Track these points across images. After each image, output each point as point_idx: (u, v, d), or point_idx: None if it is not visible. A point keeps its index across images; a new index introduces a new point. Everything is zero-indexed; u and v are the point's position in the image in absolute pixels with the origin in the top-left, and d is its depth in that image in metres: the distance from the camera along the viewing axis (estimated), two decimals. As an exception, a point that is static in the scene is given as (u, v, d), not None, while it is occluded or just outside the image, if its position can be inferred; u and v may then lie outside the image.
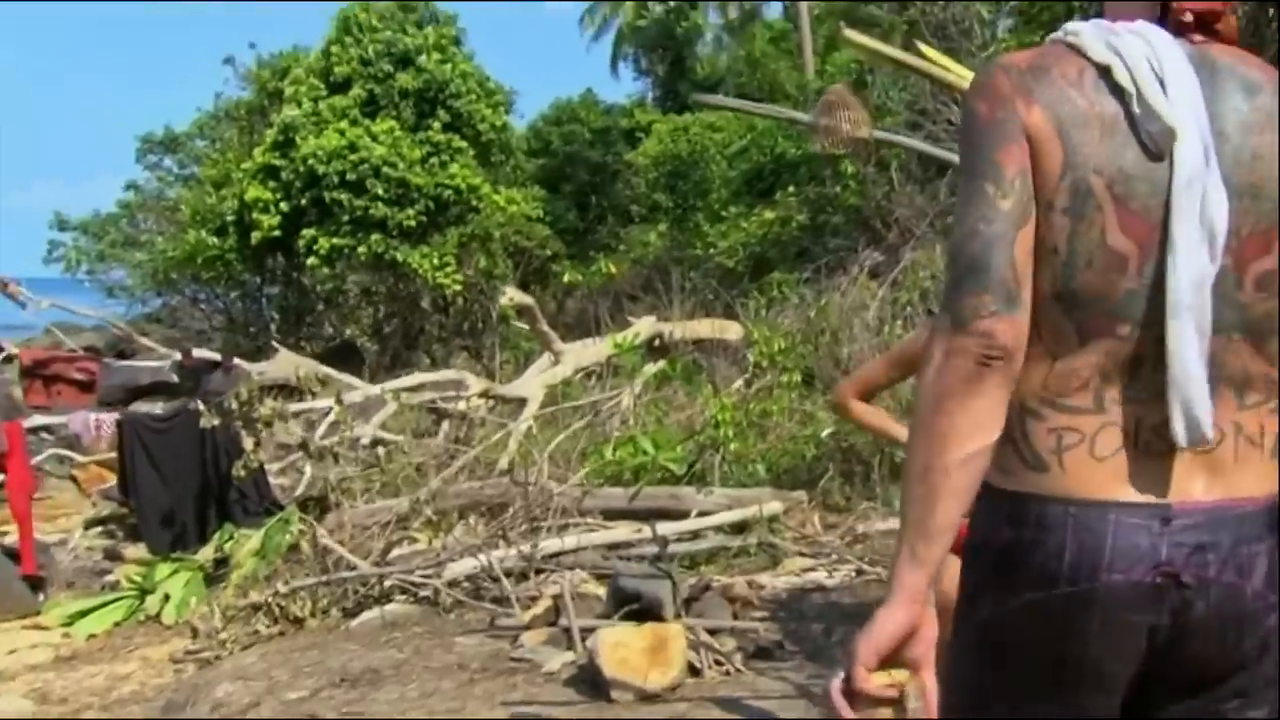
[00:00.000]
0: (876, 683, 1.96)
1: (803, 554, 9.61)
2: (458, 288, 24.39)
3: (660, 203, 27.38)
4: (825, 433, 11.43)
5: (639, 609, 7.48)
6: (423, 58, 25.52)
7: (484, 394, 13.56)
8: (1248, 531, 2.01)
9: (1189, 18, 2.10)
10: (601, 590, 8.50)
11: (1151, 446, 2.02)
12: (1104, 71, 2.04)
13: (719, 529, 10.01)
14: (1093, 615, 1.99)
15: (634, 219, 28.43)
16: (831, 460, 11.27)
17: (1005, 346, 1.96)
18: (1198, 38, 2.10)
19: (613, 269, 18.53)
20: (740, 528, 10.02)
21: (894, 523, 9.96)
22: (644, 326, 15.25)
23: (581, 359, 14.40)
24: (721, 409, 11.22)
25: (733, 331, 15.55)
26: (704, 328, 15.64)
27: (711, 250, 19.56)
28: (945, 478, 1.96)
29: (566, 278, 20.98)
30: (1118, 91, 2.02)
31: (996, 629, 2.09)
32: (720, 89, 34.24)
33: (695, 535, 9.94)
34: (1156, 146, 1.99)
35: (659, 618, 7.38)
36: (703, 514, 10.16)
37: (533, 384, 13.90)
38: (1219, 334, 2.01)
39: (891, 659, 1.98)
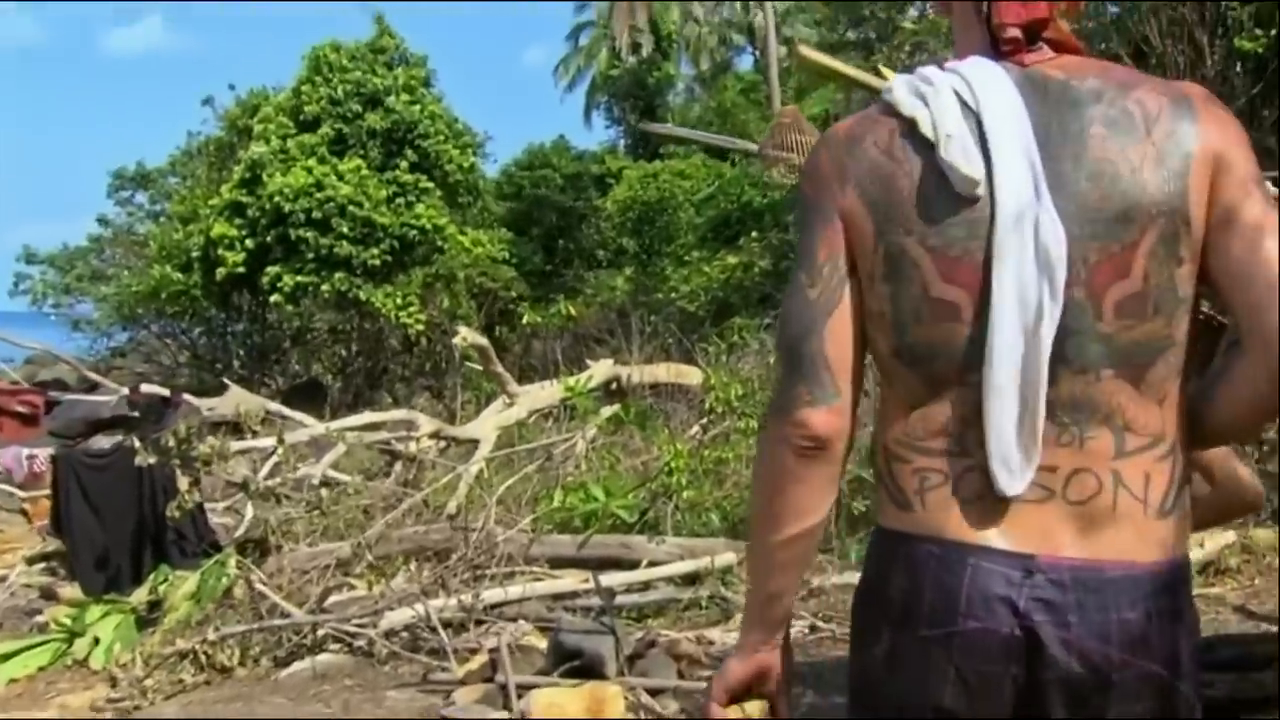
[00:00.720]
0: (728, 714, 2.19)
1: (754, 608, 9.09)
2: (420, 327, 23.96)
3: (627, 247, 27.19)
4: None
5: (580, 666, 7.03)
6: (392, 98, 25.18)
7: (435, 435, 13.00)
8: (1117, 598, 1.93)
9: (1013, 33, 2.05)
10: (545, 643, 8.03)
11: (1019, 495, 1.96)
12: (912, 126, 2.02)
13: (670, 580, 9.50)
14: (950, 661, 1.96)
15: (601, 263, 28.16)
16: (787, 510, 10.76)
17: (821, 436, 2.01)
18: (1029, 57, 2.05)
19: (572, 311, 18.22)
20: (692, 579, 9.52)
21: (849, 576, 9.56)
22: (600, 370, 14.77)
23: (536, 401, 13.88)
24: (676, 455, 10.73)
25: (691, 376, 15.06)
26: (662, 372, 15.14)
27: (674, 294, 19.20)
28: (771, 554, 2.13)
29: (525, 319, 20.63)
30: (926, 144, 2.00)
31: (867, 672, 2.12)
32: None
33: (645, 586, 9.43)
34: (966, 191, 1.96)
35: (601, 675, 6.93)
36: (654, 564, 9.66)
37: (486, 426, 13.37)
38: (1084, 371, 1.95)
39: (745, 695, 2.21)
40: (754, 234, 18.66)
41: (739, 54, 46.16)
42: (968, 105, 2.00)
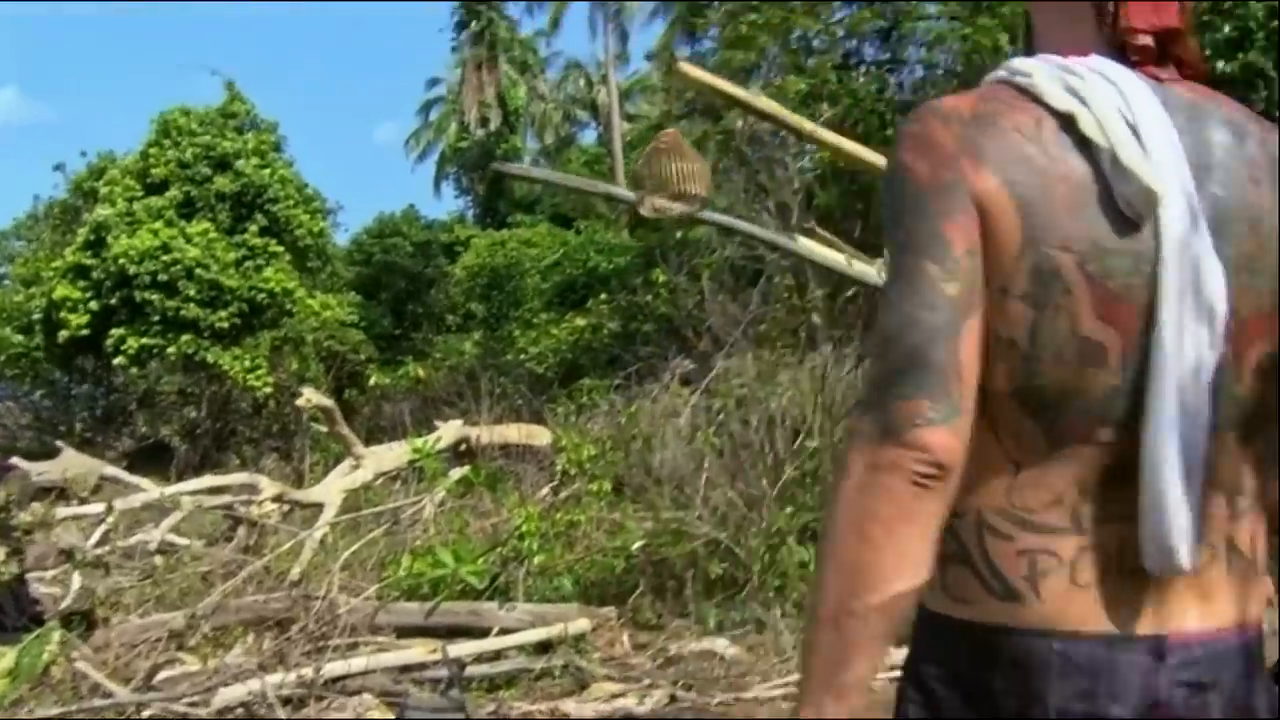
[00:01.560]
0: None
1: (611, 678, 8.32)
2: (269, 390, 22.93)
3: (475, 312, 26.57)
4: (636, 545, 10.17)
5: (427, 750, 6.20)
6: (241, 161, 24.25)
7: (278, 498, 12.00)
8: (1248, 665, 1.67)
9: (1145, 40, 1.70)
10: (390, 717, 7.19)
11: (1139, 571, 1.62)
12: (1067, 122, 1.63)
13: (521, 649, 8.66)
14: None
15: (449, 327, 27.42)
16: (642, 574, 10.01)
17: (945, 464, 1.55)
18: (1161, 72, 1.70)
19: (420, 373, 17.48)
20: (545, 647, 8.70)
21: (708, 643, 8.82)
22: (449, 431, 13.94)
23: (383, 463, 12.96)
24: (527, 518, 9.93)
25: (541, 437, 14.32)
26: (512, 433, 14.37)
27: (523, 356, 18.53)
28: (863, 624, 1.54)
29: (373, 380, 19.83)
30: (1085, 146, 1.62)
31: None
32: (537, 208, 34.93)
33: (496, 655, 8.60)
34: (1135, 212, 1.60)
35: (449, 760, 6.10)
36: (505, 631, 8.83)
37: (331, 489, 12.41)
38: (1215, 434, 1.62)
39: None
40: (602, 297, 18.10)
41: (582, 129, 46.38)
42: (1121, 114, 1.61)
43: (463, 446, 13.70)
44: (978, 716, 1.64)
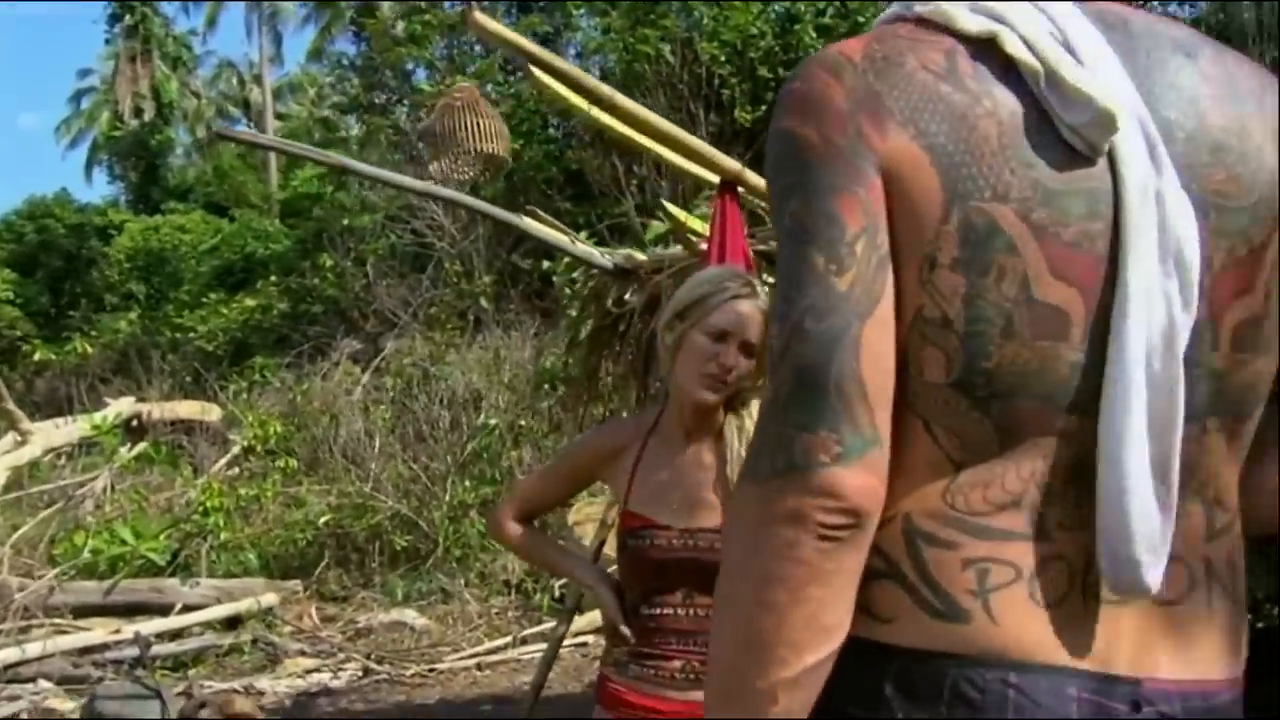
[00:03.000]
0: None
1: (304, 653, 7.49)
2: (-79, 367, 20.27)
3: (134, 291, 24.41)
4: (322, 519, 9.31)
5: (121, 737, 5.29)
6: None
7: (-66, 477, 10.38)
8: None
9: None
10: (72, 706, 6.19)
11: (1107, 593, 1.14)
12: (985, 48, 1.15)
13: (209, 625, 7.71)
14: None
15: (109, 307, 25.17)
16: (326, 547, 9.17)
17: (861, 509, 1.07)
18: None
19: (88, 349, 15.78)
20: (232, 623, 7.78)
21: (397, 614, 8.08)
22: (123, 406, 12.53)
23: (52, 439, 11.49)
24: (209, 493, 8.91)
25: (212, 413, 13.09)
26: (184, 409, 13.08)
27: (192, 335, 17.09)
28: (771, 703, 1.08)
29: (38, 355, 17.91)
30: (1011, 74, 1.14)
31: None
32: (190, 196, 33.23)
33: (180, 633, 7.61)
34: (1087, 143, 1.13)
35: (145, 747, 5.21)
36: (189, 608, 7.85)
37: (-7, 466, 10.82)
38: (1189, 420, 1.14)
39: None
40: (271, 279, 16.90)
41: (234, 124, 44.20)
42: (1051, 32, 1.18)
43: (133, 423, 12.34)
44: None
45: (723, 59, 12.07)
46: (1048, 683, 1.12)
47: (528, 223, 4.94)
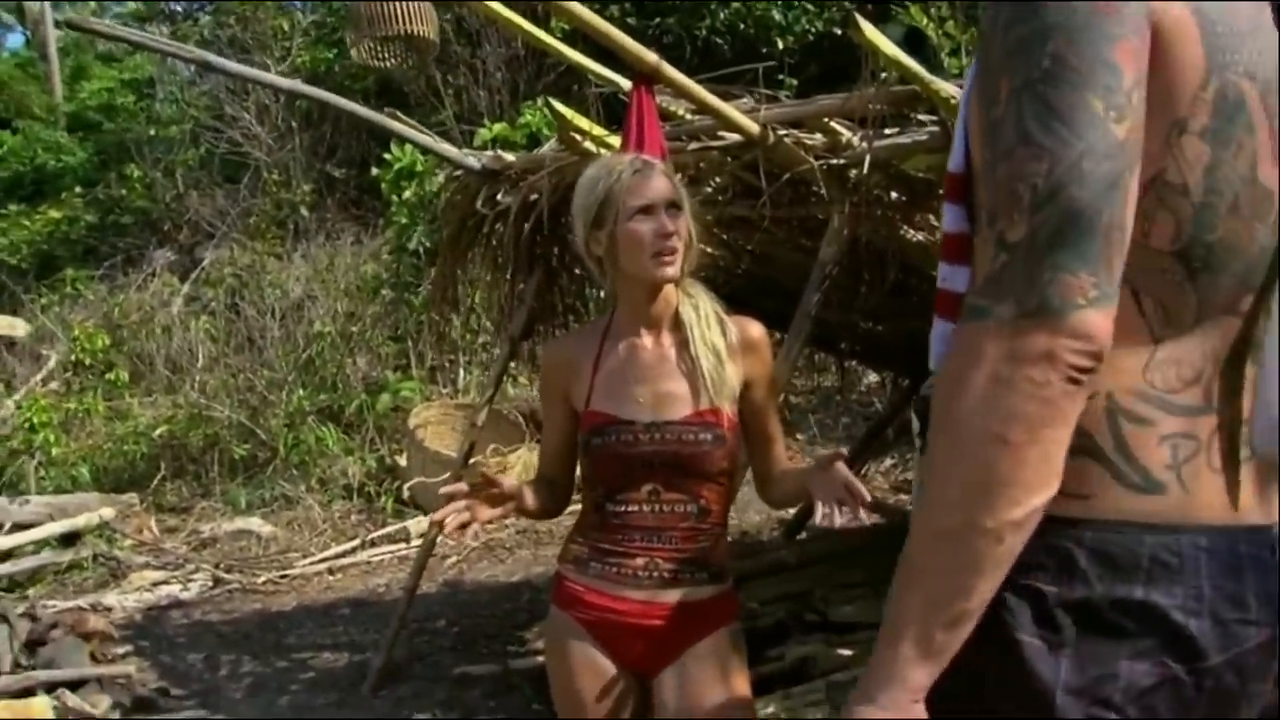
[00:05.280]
0: None
1: (149, 565, 7.05)
2: None
3: (-86, 204, 22.54)
4: (158, 430, 8.76)
5: (-33, 665, 4.89)
6: None
7: None
8: None
9: None
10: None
11: (1236, 456, 1.19)
12: None
13: (44, 543, 7.17)
14: (1242, 694, 1.17)
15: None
16: (161, 459, 8.64)
17: (1104, 352, 1.06)
18: None
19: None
20: (69, 540, 7.25)
21: (241, 522, 7.69)
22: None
23: None
24: (36, 409, 8.26)
25: (19, 328, 12.13)
26: (-9, 324, 12.07)
27: (-7, 248, 15.80)
28: (995, 543, 1.07)
29: None
30: None
31: None
32: None
33: (12, 553, 7.06)
34: None
35: (-5, 672, 4.85)
36: (20, 527, 7.27)
37: None
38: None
39: None
40: (77, 190, 15.67)
41: (7, 32, 40.89)
42: None
43: (-61, 340, 11.36)
44: (1110, 625, 1.14)
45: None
46: (1226, 541, 1.16)
47: (393, 124, 4.62)
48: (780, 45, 10.48)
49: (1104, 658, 1.14)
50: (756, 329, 2.33)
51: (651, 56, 2.93)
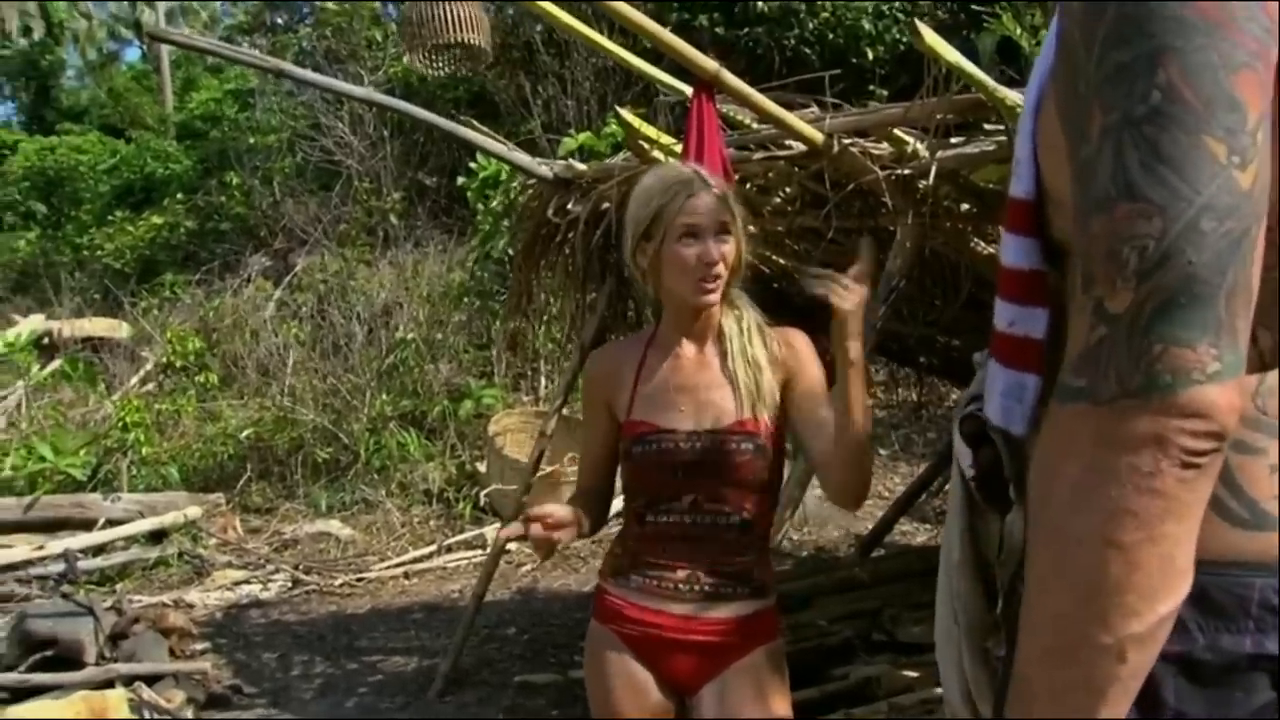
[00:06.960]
0: None
1: (232, 564, 7.17)
2: None
3: (34, 210, 23.22)
4: (245, 432, 8.92)
5: (53, 656, 4.98)
6: None
7: None
8: None
9: None
10: (-4, 624, 5.85)
11: None
12: None
13: (133, 539, 7.33)
14: None
15: (8, 225, 23.94)
16: (247, 461, 8.79)
17: (1226, 431, 0.89)
18: None
19: (-9, 265, 15.01)
20: (157, 537, 7.41)
21: (321, 524, 7.78)
22: (34, 324, 11.86)
23: (-39, 357, 10.84)
24: (129, 409, 8.46)
25: (122, 330, 12.48)
26: (96, 326, 12.43)
27: (99, 253, 16.25)
28: (1118, 662, 0.90)
29: (-60, 275, 17.01)
30: None
31: None
32: (85, 118, 31.87)
33: (104, 549, 7.23)
34: None
35: (80, 664, 4.93)
36: (112, 523, 7.45)
37: (-98, 385, 10.20)
38: None
39: None
40: (179, 197, 16.12)
41: (126, 46, 42.24)
42: None
43: (44, 340, 11.72)
44: (1216, 682, 1.02)
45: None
46: None
47: (468, 133, 4.64)
48: (870, 56, 10.38)
49: None
50: (799, 338, 2.28)
51: (711, 64, 2.89)
